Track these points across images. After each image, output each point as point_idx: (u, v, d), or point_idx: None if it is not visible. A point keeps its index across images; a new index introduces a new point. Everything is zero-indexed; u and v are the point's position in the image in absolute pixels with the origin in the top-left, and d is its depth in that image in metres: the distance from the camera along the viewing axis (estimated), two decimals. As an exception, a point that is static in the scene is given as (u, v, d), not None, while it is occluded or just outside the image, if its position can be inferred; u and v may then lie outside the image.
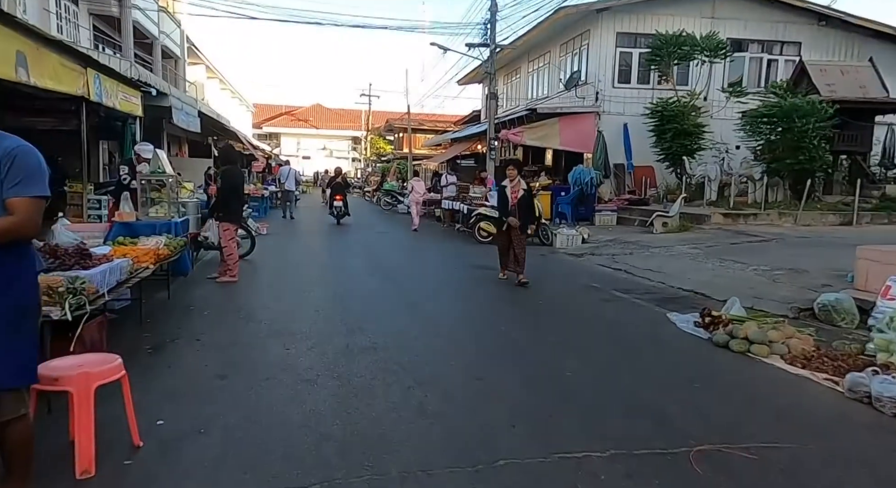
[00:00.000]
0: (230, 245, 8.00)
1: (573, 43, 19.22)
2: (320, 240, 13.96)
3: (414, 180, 18.46)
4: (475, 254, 11.80)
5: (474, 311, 7.06)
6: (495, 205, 14.05)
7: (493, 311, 7.05)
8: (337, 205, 17.32)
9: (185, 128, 19.03)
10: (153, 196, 7.44)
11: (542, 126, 17.71)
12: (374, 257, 11.24)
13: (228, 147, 8.08)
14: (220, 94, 34.68)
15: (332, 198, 17.64)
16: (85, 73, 10.29)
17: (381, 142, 45.38)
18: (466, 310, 7.04)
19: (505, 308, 7.17)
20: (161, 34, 23.06)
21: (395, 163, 36.45)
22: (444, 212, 17.51)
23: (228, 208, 7.90)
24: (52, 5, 16.53)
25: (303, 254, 11.26)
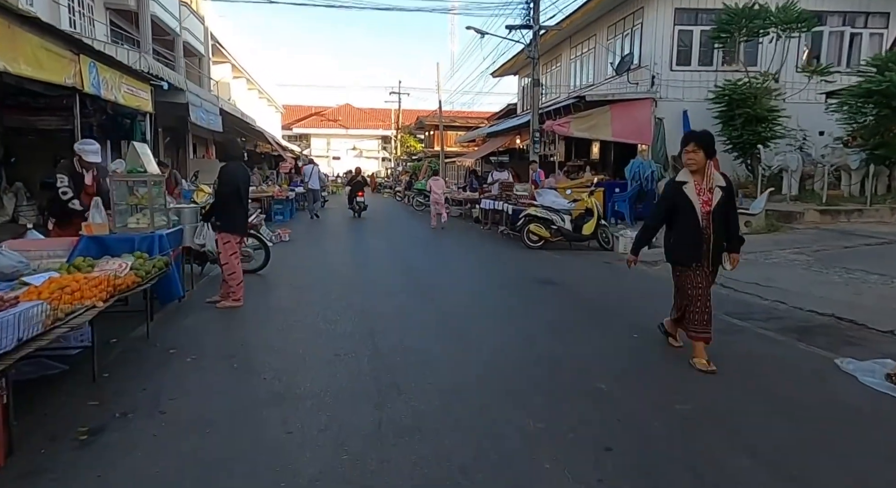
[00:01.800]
0: (231, 262, 6.27)
1: (623, 23, 17.09)
2: (347, 247, 12.21)
3: (432, 180, 17.48)
4: (529, 263, 9.89)
5: (552, 350, 5.15)
6: (546, 204, 12.26)
7: (583, 355, 5.14)
8: (359, 200, 18.91)
9: (207, 127, 17.65)
10: (134, 201, 5.74)
11: (592, 115, 15.65)
12: (408, 269, 9.43)
13: (230, 140, 6.41)
14: (247, 94, 33.38)
15: (354, 194, 19.08)
16: (77, 60, 8.71)
17: (412, 140, 43.67)
18: (542, 352, 5.14)
19: (597, 349, 5.25)
20: (183, 30, 21.68)
21: (427, 162, 34.67)
22: (485, 213, 15.62)
23: (228, 215, 6.17)
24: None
25: (326, 266, 9.51)
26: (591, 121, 15.71)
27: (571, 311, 6.44)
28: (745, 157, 14.60)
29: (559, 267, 9.57)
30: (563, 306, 6.67)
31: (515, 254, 11.00)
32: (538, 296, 7.26)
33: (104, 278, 3.94)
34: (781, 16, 13.48)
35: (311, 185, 19.74)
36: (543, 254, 10.91)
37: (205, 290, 7.20)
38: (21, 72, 6.98)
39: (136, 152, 5.68)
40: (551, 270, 9.19)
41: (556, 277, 8.43)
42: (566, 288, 7.70)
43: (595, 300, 7.05)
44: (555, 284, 7.92)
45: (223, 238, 6.22)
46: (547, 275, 8.70)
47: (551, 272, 8.98)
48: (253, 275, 8.31)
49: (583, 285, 7.95)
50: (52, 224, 6.16)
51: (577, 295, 7.30)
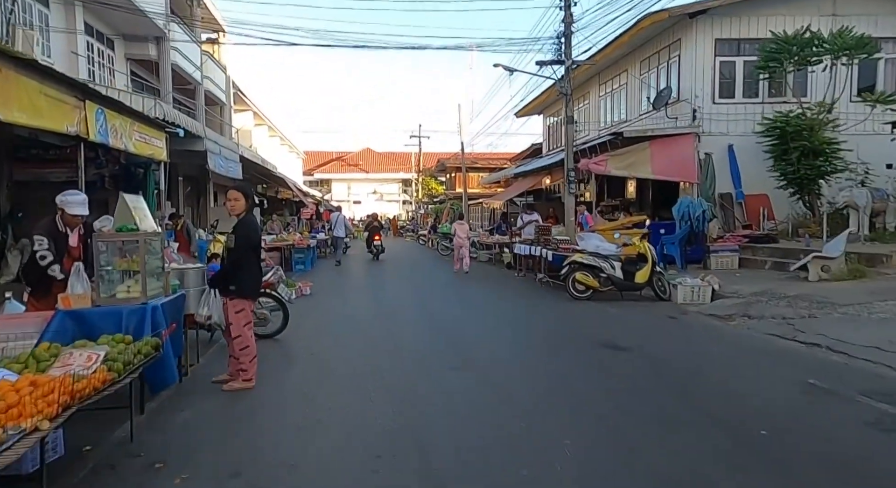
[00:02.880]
0: (244, 334, 5.14)
1: (658, 56, 16.19)
2: (373, 300, 11.06)
3: (456, 224, 16.70)
4: (580, 318, 8.63)
5: (654, 462, 3.85)
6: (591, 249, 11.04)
7: (706, 469, 3.84)
8: (376, 243, 19.94)
9: (226, 175, 16.92)
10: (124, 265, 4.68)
11: (630, 152, 14.57)
12: (443, 328, 8.21)
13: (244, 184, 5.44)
14: (268, 141, 33.13)
15: (371, 238, 20.19)
16: (82, 106, 7.84)
17: (433, 182, 43.05)
18: (645, 466, 3.86)
19: (721, 453, 3.95)
20: (204, 78, 21.37)
21: (449, 204, 33.83)
22: (520, 259, 14.43)
23: (244, 277, 5.08)
24: (80, 47, 14.72)
25: (351, 327, 8.35)
26: (630, 158, 14.63)
27: (663, 392, 5.14)
28: (801, 194, 13.32)
29: (617, 323, 8.29)
30: (646, 383, 5.38)
31: (561, 306, 9.74)
32: (609, 366, 5.98)
33: (58, 383, 2.82)
34: (838, 42, 12.41)
35: (337, 233, 19.11)
36: (593, 306, 9.64)
37: (212, 364, 6.06)
38: (14, 119, 6.10)
39: (126, 206, 4.67)
40: (609, 328, 7.91)
41: (619, 337, 7.14)
42: (637, 354, 6.41)
43: (681, 372, 5.75)
44: (621, 349, 6.64)
45: (236, 305, 5.11)
46: (606, 334, 7.42)
47: (610, 330, 7.71)
48: (269, 342, 7.17)
49: (655, 349, 6.64)
50: (28, 295, 5.13)
51: (656, 365, 6.00)
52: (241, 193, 5.11)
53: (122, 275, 4.78)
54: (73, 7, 14.20)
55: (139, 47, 17.51)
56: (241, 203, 5.11)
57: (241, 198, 5.09)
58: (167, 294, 5.03)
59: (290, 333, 7.48)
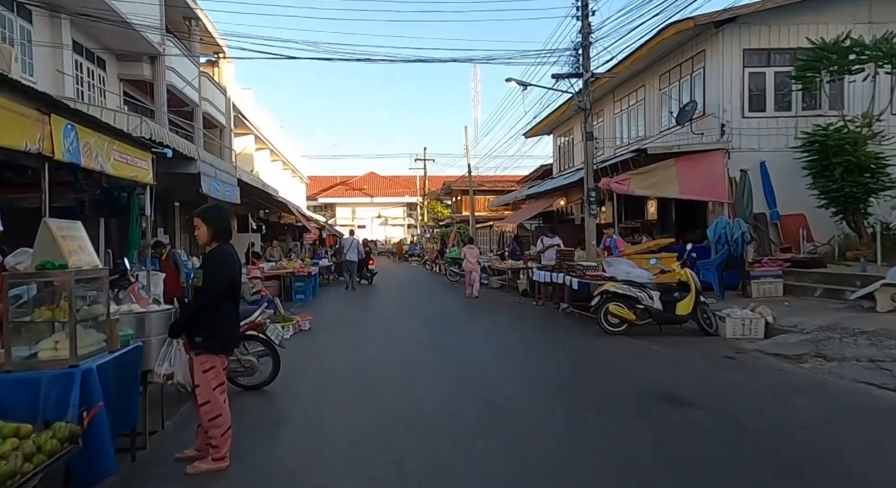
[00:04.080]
0: (215, 400, 3.89)
1: (680, 69, 15.14)
2: (379, 336, 9.78)
3: (466, 248, 16.36)
4: (620, 359, 7.34)
5: None
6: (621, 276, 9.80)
7: None
8: (370, 268, 20.48)
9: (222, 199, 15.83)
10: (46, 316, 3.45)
11: (654, 171, 13.43)
12: (463, 371, 6.92)
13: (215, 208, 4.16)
14: (271, 165, 32.18)
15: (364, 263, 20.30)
16: (46, 120, 6.74)
17: (439, 206, 42.01)
18: None
19: None
20: (203, 100, 20.45)
21: (455, 228, 32.69)
22: (538, 286, 13.18)
23: (214, 325, 3.85)
24: (67, 66, 13.75)
25: (358, 373, 7.07)
26: (654, 177, 13.47)
27: (760, 471, 3.85)
28: (846, 213, 12.10)
29: (666, 365, 7.00)
30: (732, 456, 4.09)
31: (595, 343, 8.46)
32: (675, 429, 4.68)
33: None
34: (883, 48, 11.33)
35: (349, 257, 18.59)
36: (631, 343, 8.35)
37: (182, 431, 4.79)
38: None
39: (49, 234, 3.47)
40: (658, 372, 6.62)
41: (675, 386, 5.86)
42: (706, 411, 5.12)
43: (774, 439, 4.45)
44: (684, 403, 5.35)
45: (203, 362, 3.87)
46: (657, 380, 6.13)
47: (661, 375, 6.42)
48: (255, 395, 5.92)
49: (726, 403, 5.35)
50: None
51: (735, 427, 4.71)
52: (201, 219, 3.94)
53: (51, 328, 3.57)
54: (59, 22, 13.26)
55: (132, 67, 16.58)
56: (204, 231, 3.93)
57: (202, 224, 3.92)
58: (113, 349, 3.81)
59: (282, 384, 6.22)
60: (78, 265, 3.44)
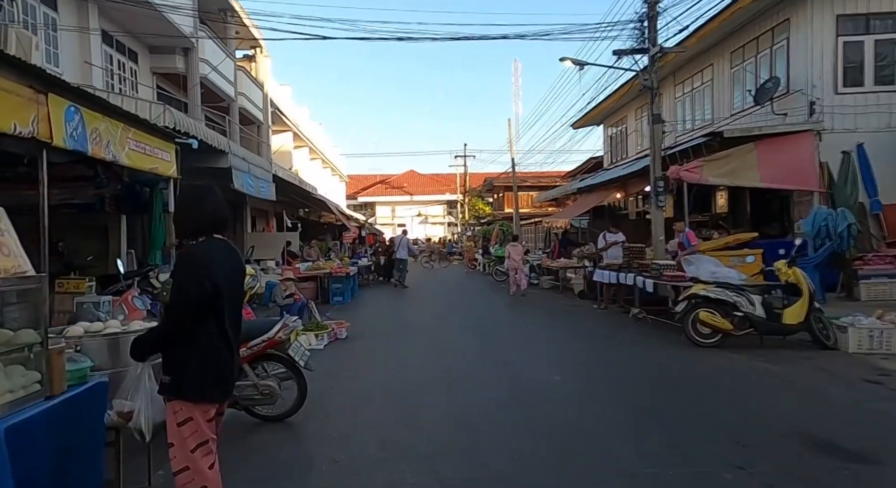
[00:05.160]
0: (195, 467, 2.58)
1: (759, 42, 13.30)
2: (428, 346, 8.45)
3: (510, 246, 15.58)
4: (732, 382, 5.75)
5: None
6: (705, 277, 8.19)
7: None
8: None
9: (256, 196, 14.84)
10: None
11: (730, 157, 11.68)
12: (530, 395, 5.49)
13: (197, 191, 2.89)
14: (310, 163, 31.36)
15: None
16: (41, 100, 5.65)
17: (480, 203, 40.56)
18: None
19: None
20: (239, 95, 19.61)
21: (497, 225, 31.19)
22: (599, 287, 11.64)
23: (190, 357, 2.55)
24: (96, 58, 12.93)
25: (401, 397, 5.75)
26: (730, 163, 11.73)
27: None
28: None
29: (788, 390, 5.43)
30: None
31: (683, 357, 6.92)
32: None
33: None
34: None
35: (399, 255, 18.12)
36: (730, 358, 6.77)
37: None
38: None
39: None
40: (782, 400, 5.07)
41: (814, 422, 4.32)
42: (891, 467, 3.60)
43: None
44: (845, 454, 3.82)
45: (177, 411, 2.58)
46: (787, 414, 4.59)
47: (787, 405, 4.86)
48: (274, 429, 4.67)
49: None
50: None
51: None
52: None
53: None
54: (87, 8, 12.44)
55: (166, 60, 15.77)
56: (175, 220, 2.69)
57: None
58: (55, 392, 2.57)
59: (310, 413, 4.96)
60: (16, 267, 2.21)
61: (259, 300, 10.22)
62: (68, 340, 3.09)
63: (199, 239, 2.68)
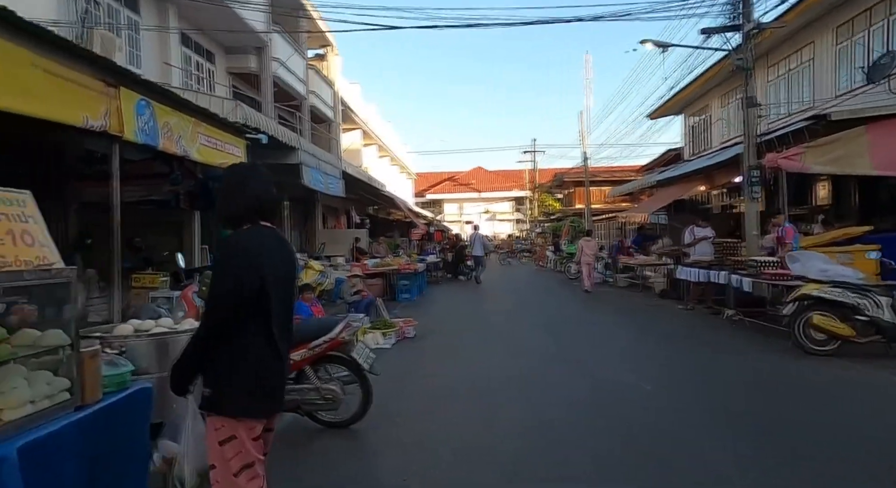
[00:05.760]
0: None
1: (871, 14, 11.81)
2: (497, 345, 7.90)
3: (583, 241, 15.51)
4: (867, 400, 4.84)
5: None
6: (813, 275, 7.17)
7: None
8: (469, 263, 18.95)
9: (325, 192, 14.82)
10: None
11: (837, 142, 10.35)
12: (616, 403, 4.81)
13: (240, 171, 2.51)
14: (378, 161, 31.49)
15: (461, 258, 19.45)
16: (113, 94, 5.53)
17: (550, 199, 39.46)
18: None
19: None
20: (310, 94, 19.78)
21: (568, 221, 30.14)
22: (686, 286, 10.67)
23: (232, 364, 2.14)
24: (175, 59, 13.25)
25: (471, 400, 5.25)
26: (836, 149, 10.40)
27: None
28: None
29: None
30: None
31: (794, 367, 6.00)
32: None
33: None
34: None
35: (475, 252, 18.24)
36: (855, 369, 5.80)
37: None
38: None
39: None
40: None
41: None
42: None
43: None
44: None
45: (219, 428, 2.19)
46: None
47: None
48: (336, 437, 4.29)
49: None
50: None
51: None
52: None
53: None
54: (167, 10, 12.75)
55: (240, 60, 16.06)
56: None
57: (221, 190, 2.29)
58: (89, 401, 2.25)
59: (376, 418, 4.54)
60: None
61: (328, 296, 10.05)
62: (112, 341, 2.80)
63: (243, 227, 2.28)
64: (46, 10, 9.30)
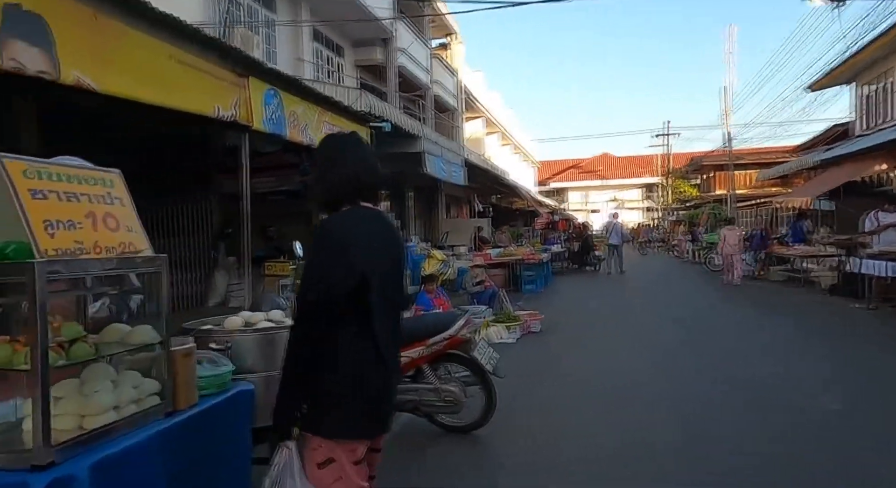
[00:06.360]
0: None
1: None
2: (633, 344, 7.05)
3: (725, 229, 14.42)
4: None
5: None
6: None
7: None
8: (596, 253, 18.51)
9: (447, 181, 14.64)
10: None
11: None
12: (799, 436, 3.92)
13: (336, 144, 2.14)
14: (500, 149, 30.96)
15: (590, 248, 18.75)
16: (243, 84, 5.56)
17: (685, 185, 36.43)
18: None
19: None
20: (434, 84, 19.73)
21: (707, 208, 27.52)
22: (868, 282, 8.95)
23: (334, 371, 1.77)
24: (307, 54, 13.72)
25: (609, 411, 4.59)
26: None
27: None
28: None
29: None
30: None
31: None
32: None
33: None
34: None
35: (612, 241, 17.38)
36: None
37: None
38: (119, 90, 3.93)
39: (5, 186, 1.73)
40: None
41: None
42: None
43: None
44: None
45: (317, 449, 1.81)
46: None
47: None
48: (455, 443, 3.87)
49: None
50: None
51: None
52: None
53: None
54: (300, 8, 13.19)
55: (367, 52, 16.34)
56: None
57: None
58: (182, 405, 1.99)
59: (499, 423, 4.07)
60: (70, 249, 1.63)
61: (450, 286, 9.78)
62: (218, 336, 2.57)
63: (340, 209, 1.88)
64: (193, 13, 9.87)
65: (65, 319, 1.84)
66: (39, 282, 1.49)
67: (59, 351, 1.58)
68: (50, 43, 3.51)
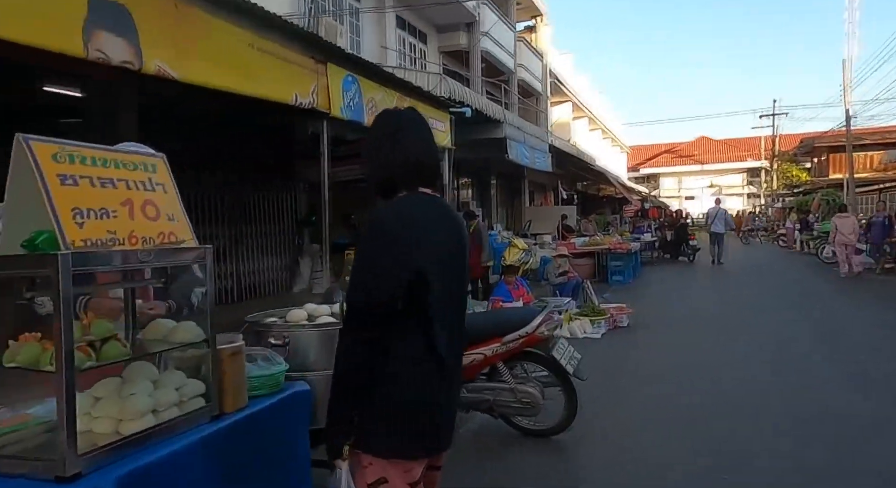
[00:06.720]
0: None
1: None
2: (734, 345, 6.35)
3: (836, 218, 13.20)
4: None
5: None
6: None
7: None
8: (691, 243, 17.16)
9: (531, 167, 14.13)
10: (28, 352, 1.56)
11: None
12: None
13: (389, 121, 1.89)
14: (588, 134, 29.71)
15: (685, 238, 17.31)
16: (322, 70, 5.56)
17: (795, 169, 33.30)
18: None
19: None
20: (518, 67, 19.14)
21: (819, 194, 24.94)
22: None
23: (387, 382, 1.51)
24: (391, 42, 13.69)
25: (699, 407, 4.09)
26: None
27: None
28: None
29: None
30: None
31: None
32: None
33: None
34: None
35: (715, 229, 16.23)
36: None
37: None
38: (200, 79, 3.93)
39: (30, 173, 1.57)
40: None
41: None
42: None
43: None
44: None
45: (367, 468, 1.57)
46: None
47: None
48: (531, 449, 3.56)
49: None
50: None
51: None
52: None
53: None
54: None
55: (450, 38, 16.08)
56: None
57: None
58: (230, 408, 1.83)
59: (581, 428, 3.71)
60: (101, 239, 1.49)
61: (533, 276, 9.39)
62: (276, 331, 2.42)
63: (396, 195, 1.62)
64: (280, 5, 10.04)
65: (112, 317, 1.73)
66: (63, 275, 1.35)
67: (89, 351, 1.45)
68: (134, 33, 3.51)
